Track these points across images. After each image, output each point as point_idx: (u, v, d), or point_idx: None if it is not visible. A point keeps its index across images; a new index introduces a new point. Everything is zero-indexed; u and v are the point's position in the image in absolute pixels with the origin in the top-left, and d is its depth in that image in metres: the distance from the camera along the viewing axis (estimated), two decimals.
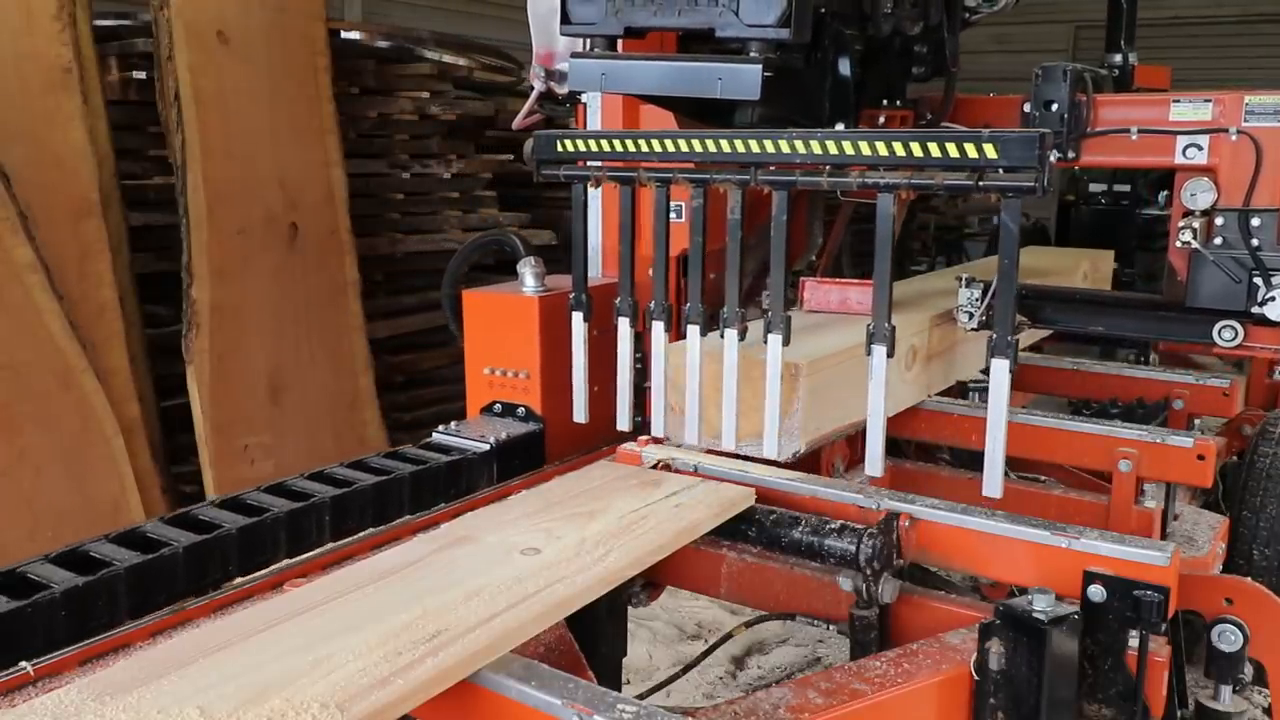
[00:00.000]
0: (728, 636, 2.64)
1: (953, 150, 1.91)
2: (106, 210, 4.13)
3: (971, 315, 2.76)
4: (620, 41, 2.49)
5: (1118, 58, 3.75)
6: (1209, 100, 2.80)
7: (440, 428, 2.62)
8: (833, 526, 1.98)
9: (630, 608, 2.37)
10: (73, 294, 3.93)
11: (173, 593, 1.84)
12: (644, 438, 2.44)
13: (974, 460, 3.13)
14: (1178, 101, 2.85)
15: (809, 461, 2.53)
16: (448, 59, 5.79)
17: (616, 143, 2.28)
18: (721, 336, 2.24)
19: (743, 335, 2.22)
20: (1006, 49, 10.44)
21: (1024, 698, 1.69)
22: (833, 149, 2.03)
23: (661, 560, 2.31)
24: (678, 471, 2.30)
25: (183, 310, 4.18)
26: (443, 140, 5.71)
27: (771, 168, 2.11)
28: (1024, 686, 1.69)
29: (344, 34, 5.38)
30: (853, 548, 1.93)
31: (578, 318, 2.49)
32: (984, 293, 2.74)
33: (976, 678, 1.73)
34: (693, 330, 2.29)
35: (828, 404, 2.39)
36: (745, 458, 2.36)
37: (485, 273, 5.18)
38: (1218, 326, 2.79)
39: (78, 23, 4.02)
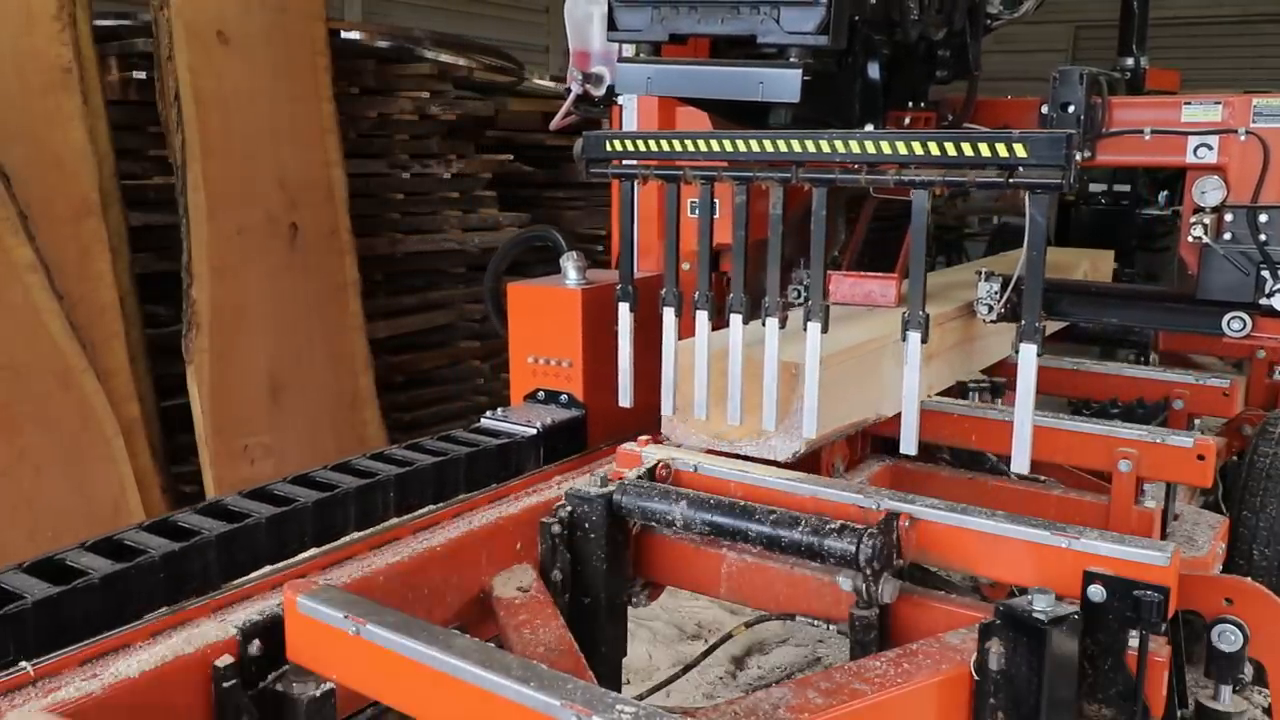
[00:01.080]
0: (728, 636, 2.64)
1: (985, 150, 2.01)
2: (106, 210, 4.12)
3: (990, 308, 2.85)
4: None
5: (1129, 61, 3.86)
6: (1219, 103, 2.93)
7: (488, 413, 2.72)
8: (833, 526, 1.98)
9: (630, 608, 2.37)
10: (73, 294, 3.93)
11: (257, 557, 1.97)
12: (644, 437, 2.44)
13: (974, 460, 3.15)
14: (1189, 104, 2.98)
15: (809, 461, 2.53)
16: (448, 59, 5.79)
17: (664, 143, 2.39)
18: (763, 325, 2.30)
19: (783, 324, 2.28)
20: (1007, 49, 10.44)
21: (1024, 698, 1.69)
22: (871, 148, 2.13)
23: (662, 560, 2.33)
24: (678, 472, 2.30)
25: (183, 310, 4.18)
26: (443, 140, 5.71)
27: (803, 166, 2.21)
28: (1024, 686, 1.69)
29: (344, 34, 5.38)
30: (853, 548, 1.93)
31: (624, 308, 2.57)
32: (1003, 286, 2.83)
33: (976, 678, 1.73)
34: (736, 320, 2.34)
35: (828, 403, 2.39)
36: (745, 458, 2.36)
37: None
38: (1227, 317, 2.90)
39: (78, 23, 4.02)
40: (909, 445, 2.26)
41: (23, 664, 1.55)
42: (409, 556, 2.00)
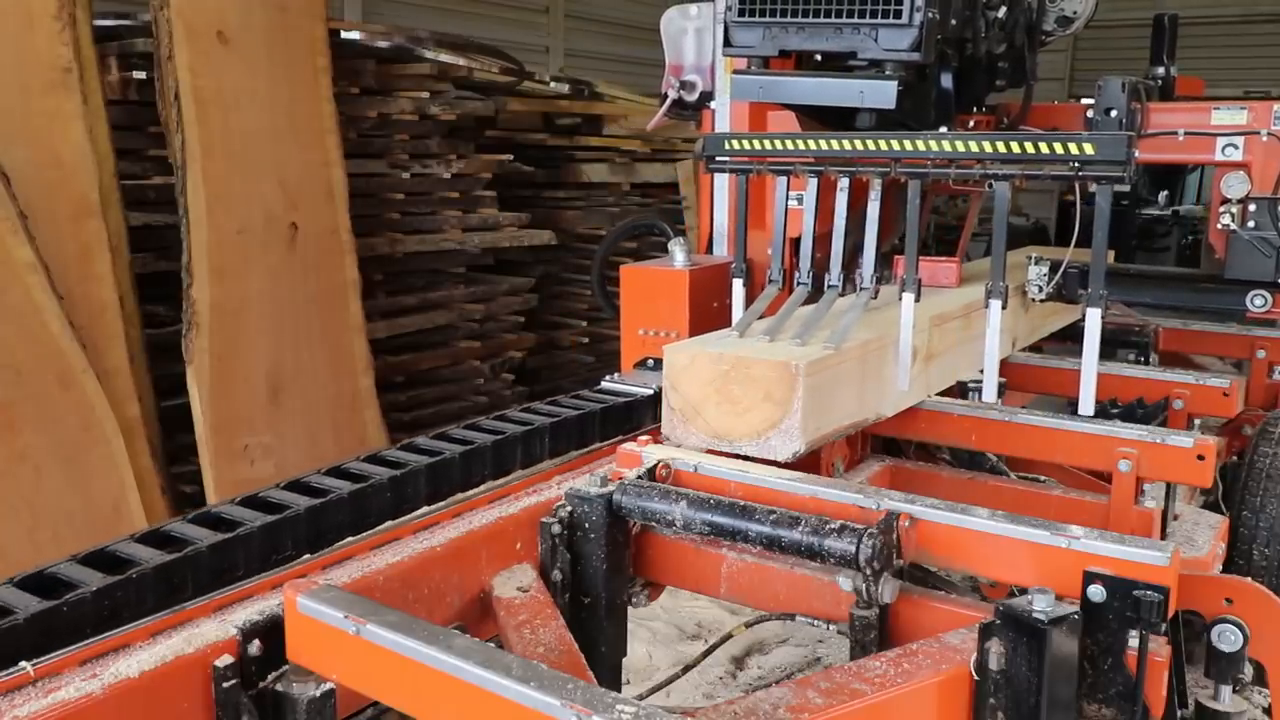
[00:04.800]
0: (728, 636, 2.64)
1: (1059, 148, 2.34)
2: (106, 210, 4.12)
3: (1041, 289, 3.12)
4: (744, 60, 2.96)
5: (1160, 70, 4.27)
6: (1244, 108, 3.39)
7: (607, 377, 3.00)
8: (833, 526, 1.98)
9: (630, 608, 2.37)
10: (73, 294, 3.93)
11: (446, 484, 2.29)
12: (644, 437, 2.44)
13: (974, 460, 3.15)
14: (1218, 109, 3.44)
15: (809, 461, 2.53)
16: (448, 59, 5.79)
17: (778, 142, 2.71)
18: (843, 292, 2.67)
19: (875, 295, 2.65)
20: None
21: (1024, 698, 1.69)
22: (962, 147, 2.45)
23: (662, 560, 2.33)
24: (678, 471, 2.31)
25: (183, 310, 4.18)
26: (443, 140, 5.71)
27: (900, 162, 2.52)
28: (1024, 686, 1.69)
29: (344, 34, 5.39)
30: (853, 548, 1.93)
31: (738, 284, 2.88)
32: (1051, 270, 3.12)
33: (976, 678, 1.73)
34: (831, 293, 2.68)
35: (828, 404, 2.39)
36: (745, 458, 2.36)
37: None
38: (1250, 295, 3.37)
39: (78, 23, 4.02)
40: (990, 394, 2.61)
41: (23, 664, 1.54)
42: (409, 556, 2.00)
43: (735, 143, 2.80)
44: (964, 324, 3.03)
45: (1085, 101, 3.66)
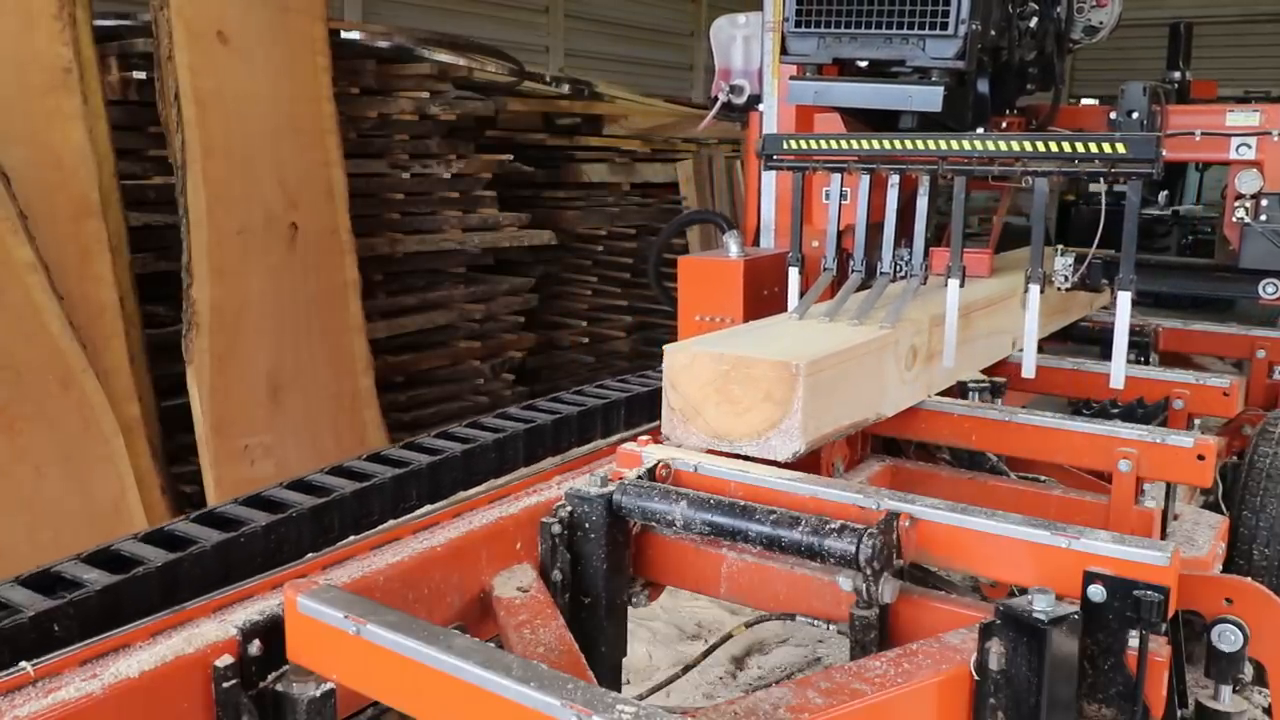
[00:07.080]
0: (728, 636, 2.64)
1: (1094, 147, 2.54)
2: (106, 210, 4.12)
3: (1067, 278, 3.26)
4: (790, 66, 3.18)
5: (1176, 74, 4.54)
6: (1257, 110, 3.67)
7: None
8: (833, 526, 1.98)
9: (630, 608, 2.37)
10: (73, 294, 3.93)
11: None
12: (644, 437, 2.44)
13: (974, 460, 3.15)
14: (1232, 111, 3.72)
15: (809, 461, 2.53)
16: (448, 59, 5.80)
17: (834, 142, 2.91)
18: (894, 279, 2.91)
19: (925, 281, 2.88)
20: None
21: (1024, 698, 1.69)
22: (1004, 146, 2.66)
23: (662, 560, 2.33)
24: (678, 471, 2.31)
25: (183, 310, 4.18)
26: (443, 140, 5.71)
27: (947, 160, 2.74)
28: (1024, 686, 1.69)
29: (344, 34, 5.39)
30: (853, 548, 1.93)
31: (794, 272, 3.07)
32: (1076, 261, 3.27)
33: (976, 678, 1.72)
34: (883, 280, 2.91)
35: (828, 404, 2.39)
36: (745, 458, 2.36)
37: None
38: (1262, 283, 3.66)
39: (78, 23, 4.02)
40: (1029, 370, 2.80)
41: (23, 664, 1.55)
42: (409, 556, 2.00)
43: (793, 142, 3.00)
44: (964, 324, 3.03)
45: (1086, 101, 3.79)
